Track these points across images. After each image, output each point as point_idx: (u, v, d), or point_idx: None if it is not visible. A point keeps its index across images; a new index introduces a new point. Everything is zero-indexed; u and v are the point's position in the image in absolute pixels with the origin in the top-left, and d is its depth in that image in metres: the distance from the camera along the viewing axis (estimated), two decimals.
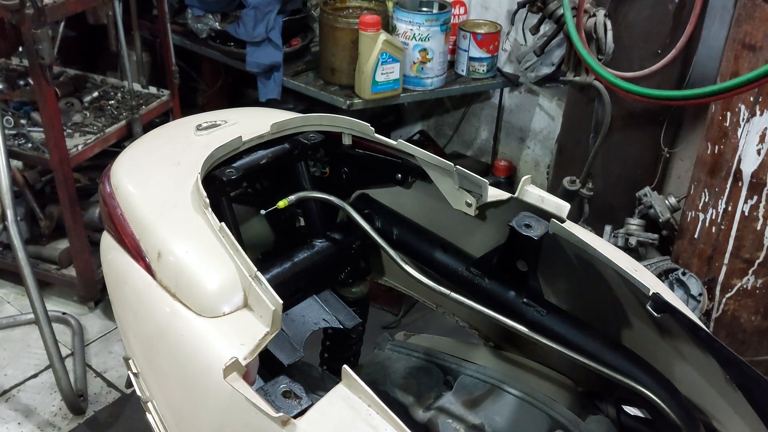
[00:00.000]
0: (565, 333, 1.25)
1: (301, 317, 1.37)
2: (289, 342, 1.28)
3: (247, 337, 1.04)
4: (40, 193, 2.86)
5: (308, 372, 1.32)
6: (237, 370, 0.96)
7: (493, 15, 3.05)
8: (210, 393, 1.06)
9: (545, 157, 3.24)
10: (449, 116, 3.53)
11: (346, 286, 1.54)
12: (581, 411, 1.30)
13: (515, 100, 3.24)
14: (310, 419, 0.92)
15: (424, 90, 2.82)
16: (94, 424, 2.28)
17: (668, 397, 1.14)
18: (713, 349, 1.05)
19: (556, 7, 2.48)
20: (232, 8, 2.96)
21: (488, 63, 2.89)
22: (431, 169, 1.31)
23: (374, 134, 1.39)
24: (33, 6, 2.06)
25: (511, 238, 1.25)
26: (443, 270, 1.41)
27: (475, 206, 1.27)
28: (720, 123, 2.06)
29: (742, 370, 1.03)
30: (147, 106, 2.70)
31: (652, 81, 2.30)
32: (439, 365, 1.40)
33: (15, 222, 2.12)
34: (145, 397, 1.31)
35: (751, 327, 2.20)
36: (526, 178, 1.23)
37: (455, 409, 1.28)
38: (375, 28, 2.59)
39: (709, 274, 2.20)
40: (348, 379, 0.94)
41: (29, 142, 2.46)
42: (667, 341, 1.18)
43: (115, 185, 1.40)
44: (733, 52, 2.00)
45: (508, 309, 1.29)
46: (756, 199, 2.02)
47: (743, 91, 1.85)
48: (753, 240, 2.07)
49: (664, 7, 2.29)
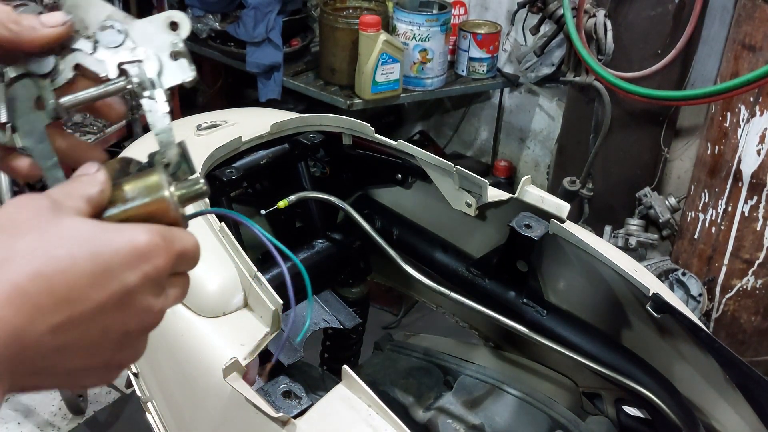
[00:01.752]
0: (565, 333, 1.25)
1: (301, 317, 1.37)
2: (289, 342, 1.28)
3: (247, 337, 1.04)
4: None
5: (308, 372, 1.32)
6: (237, 370, 0.96)
7: (493, 15, 3.05)
8: (210, 393, 1.06)
9: (545, 158, 3.24)
10: (449, 116, 3.53)
11: (346, 286, 1.54)
12: (581, 411, 1.30)
13: (515, 100, 3.24)
14: (310, 419, 0.92)
15: (424, 90, 2.82)
16: (94, 424, 2.28)
17: (668, 398, 1.14)
18: (713, 349, 1.05)
19: (556, 7, 2.49)
20: (232, 8, 2.96)
21: (488, 63, 2.89)
22: (431, 170, 1.31)
23: (374, 134, 1.39)
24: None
25: (511, 238, 1.25)
26: (443, 270, 1.41)
27: (475, 206, 1.27)
28: (720, 123, 2.06)
29: (741, 371, 1.03)
30: None
31: (652, 81, 2.30)
32: (439, 365, 1.40)
33: None
34: (144, 397, 1.31)
35: (750, 327, 2.20)
36: (526, 179, 1.23)
37: (455, 409, 1.28)
38: (375, 28, 2.59)
39: (709, 275, 2.20)
40: (348, 379, 0.94)
41: None
42: (667, 341, 1.18)
43: None
44: (733, 53, 2.00)
45: (508, 309, 1.29)
46: (756, 200, 2.02)
47: (743, 91, 1.86)
48: (753, 240, 2.07)
49: (664, 8, 2.29)
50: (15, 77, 0.57)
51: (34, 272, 0.45)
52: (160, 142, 0.59)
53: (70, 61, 0.58)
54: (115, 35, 0.58)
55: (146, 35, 0.58)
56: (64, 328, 0.47)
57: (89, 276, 0.47)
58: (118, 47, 0.58)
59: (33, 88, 0.57)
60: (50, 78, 0.57)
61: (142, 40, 0.58)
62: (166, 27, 0.58)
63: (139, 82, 0.58)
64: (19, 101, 0.57)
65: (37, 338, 0.46)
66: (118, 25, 0.58)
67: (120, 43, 0.58)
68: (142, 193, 0.54)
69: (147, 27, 0.58)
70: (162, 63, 0.58)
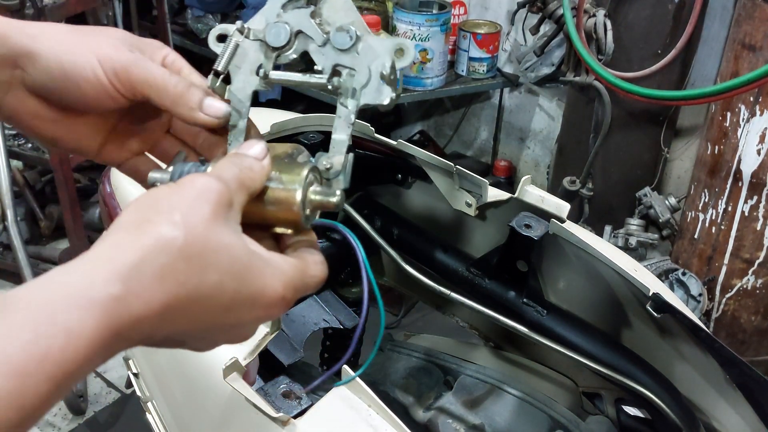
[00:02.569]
0: (565, 333, 1.25)
1: (301, 317, 1.37)
2: (289, 342, 1.28)
3: None
4: (40, 194, 2.86)
5: (308, 372, 1.32)
6: (237, 370, 0.96)
7: (493, 15, 3.05)
8: (210, 393, 1.06)
9: (545, 158, 3.24)
10: (449, 116, 3.53)
11: (346, 286, 1.54)
12: (581, 411, 1.30)
13: (515, 100, 3.24)
14: (310, 419, 0.92)
15: (424, 90, 2.82)
16: (94, 424, 2.28)
17: (668, 397, 1.14)
18: (713, 349, 1.05)
19: (555, 7, 2.49)
20: (232, 8, 2.97)
21: (488, 63, 2.89)
22: (431, 170, 1.31)
23: (374, 134, 1.39)
24: (33, 6, 2.06)
25: (511, 238, 1.25)
26: (443, 270, 1.41)
27: (475, 206, 1.27)
28: (720, 123, 2.06)
29: (742, 370, 1.03)
30: None
31: (652, 81, 2.30)
32: (439, 365, 1.40)
33: (15, 222, 2.12)
34: (144, 398, 1.31)
35: (751, 327, 2.20)
36: (526, 179, 1.23)
37: (455, 409, 1.28)
38: (375, 28, 2.59)
39: (709, 275, 2.20)
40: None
41: (29, 142, 2.46)
42: (667, 341, 1.18)
43: (115, 185, 1.40)
44: (733, 52, 2.00)
45: (508, 309, 1.29)
46: (756, 199, 2.02)
47: (743, 91, 1.85)
48: (753, 240, 2.07)
49: (664, 8, 2.29)
50: (252, 39, 0.63)
51: (187, 295, 0.47)
52: (333, 146, 0.62)
53: (300, 46, 0.63)
54: (346, 39, 0.61)
55: (372, 50, 0.61)
56: (185, 335, 0.51)
57: (223, 309, 0.50)
58: (344, 51, 0.61)
59: (261, 54, 0.62)
60: (278, 52, 0.62)
61: (366, 54, 0.61)
62: (392, 50, 0.61)
63: (339, 86, 0.61)
64: (245, 61, 0.62)
65: (164, 339, 0.49)
66: (353, 32, 0.61)
67: (348, 47, 0.61)
68: (281, 181, 0.57)
69: (376, 44, 0.61)
70: (370, 80, 0.61)
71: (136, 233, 0.46)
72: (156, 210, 0.48)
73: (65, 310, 0.42)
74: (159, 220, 0.47)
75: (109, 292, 0.44)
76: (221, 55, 0.63)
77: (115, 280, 0.44)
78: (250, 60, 0.63)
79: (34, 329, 0.41)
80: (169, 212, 0.47)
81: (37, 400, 0.40)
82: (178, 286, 0.47)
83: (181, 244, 0.47)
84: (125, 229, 0.47)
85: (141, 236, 0.46)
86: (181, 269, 0.47)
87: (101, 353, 0.44)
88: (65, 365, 0.41)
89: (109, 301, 0.43)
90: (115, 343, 0.45)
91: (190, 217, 0.48)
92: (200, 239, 0.48)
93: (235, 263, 0.50)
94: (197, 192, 0.49)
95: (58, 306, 0.42)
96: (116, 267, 0.44)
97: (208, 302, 0.49)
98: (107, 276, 0.44)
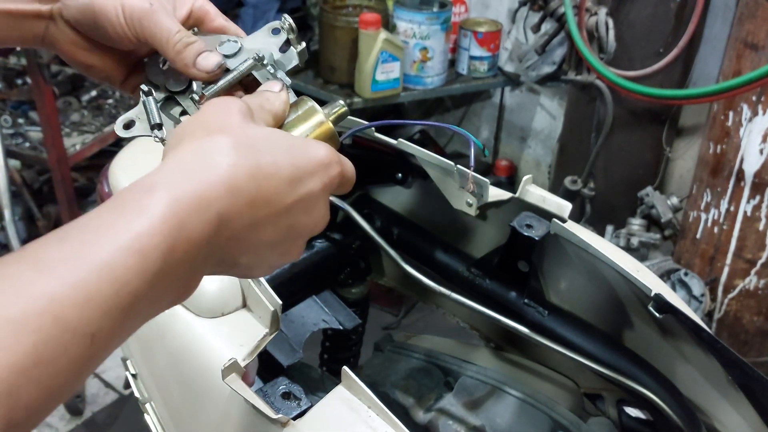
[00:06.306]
0: (566, 334, 1.24)
1: (300, 318, 1.36)
2: (289, 343, 1.27)
3: (246, 338, 1.03)
4: (38, 193, 2.85)
5: (308, 373, 1.31)
6: (236, 371, 0.95)
7: (494, 13, 3.04)
8: (208, 394, 1.06)
9: (546, 157, 3.23)
10: (450, 115, 3.52)
11: (346, 286, 1.53)
12: (582, 412, 1.30)
13: (516, 99, 3.23)
14: (310, 421, 0.91)
15: (424, 89, 2.81)
16: (92, 425, 2.28)
17: (670, 399, 1.13)
18: (715, 350, 1.04)
19: (557, 5, 2.48)
20: (230, 7, 2.96)
21: (489, 62, 2.88)
22: (432, 169, 1.30)
23: (374, 133, 1.38)
24: None
25: (512, 238, 1.24)
26: (444, 270, 1.40)
27: (475, 206, 1.26)
28: (722, 123, 2.05)
29: (744, 371, 1.02)
30: None
31: (654, 80, 2.30)
32: (439, 366, 1.39)
33: (13, 222, 2.12)
34: (143, 398, 1.31)
35: (753, 328, 2.19)
36: (528, 178, 1.22)
37: (456, 410, 1.28)
38: (375, 26, 2.58)
39: (711, 275, 2.19)
40: (347, 380, 0.93)
41: (27, 142, 2.46)
42: (669, 342, 1.17)
43: (113, 185, 1.39)
44: (735, 51, 1.99)
45: (509, 309, 1.28)
46: (758, 199, 2.01)
47: (745, 90, 1.85)
48: (755, 240, 2.06)
49: (666, 6, 2.28)
50: (163, 98, 0.70)
51: (247, 174, 0.54)
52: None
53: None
54: (233, 45, 0.70)
55: (256, 43, 0.71)
56: (261, 223, 0.56)
57: (288, 182, 0.56)
58: (237, 53, 0.70)
59: (176, 105, 0.70)
60: (188, 93, 0.70)
61: (254, 46, 0.70)
62: (269, 34, 0.72)
63: (262, 57, 0.69)
64: (169, 118, 0.70)
65: (239, 230, 0.54)
66: (233, 38, 0.70)
67: (237, 50, 0.70)
68: (301, 117, 0.66)
69: (256, 37, 0.72)
70: (274, 58, 0.71)
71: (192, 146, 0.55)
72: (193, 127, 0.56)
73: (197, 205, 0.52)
74: (200, 135, 0.55)
75: (218, 194, 0.53)
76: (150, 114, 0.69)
77: (218, 185, 0.53)
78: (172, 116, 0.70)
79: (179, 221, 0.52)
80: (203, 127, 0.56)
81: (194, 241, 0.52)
82: (239, 168, 0.53)
83: (229, 141, 0.54)
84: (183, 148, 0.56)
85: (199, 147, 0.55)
86: (240, 154, 0.54)
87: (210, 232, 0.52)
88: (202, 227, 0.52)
89: (215, 199, 0.52)
90: (222, 225, 0.53)
91: (222, 123, 0.56)
92: (240, 135, 0.55)
93: (279, 143, 0.57)
94: (220, 105, 0.58)
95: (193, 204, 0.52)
96: (209, 177, 0.53)
97: (273, 181, 0.55)
98: (213, 183, 0.53)
